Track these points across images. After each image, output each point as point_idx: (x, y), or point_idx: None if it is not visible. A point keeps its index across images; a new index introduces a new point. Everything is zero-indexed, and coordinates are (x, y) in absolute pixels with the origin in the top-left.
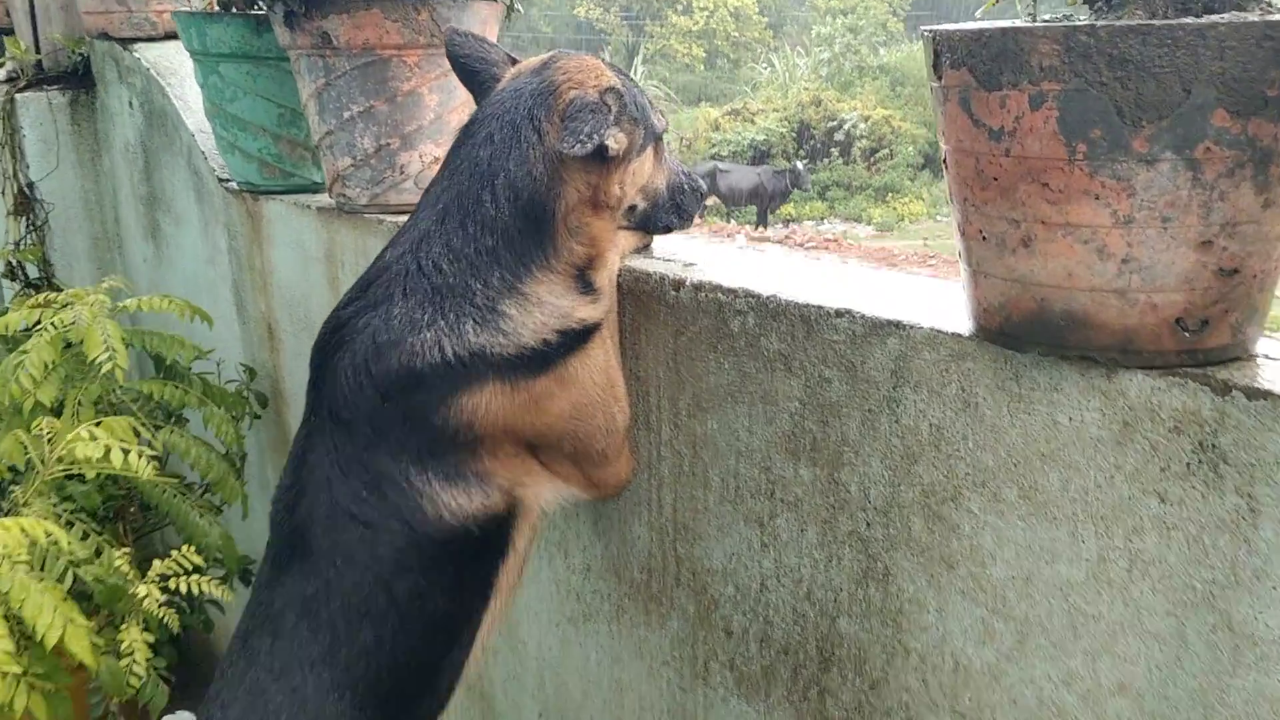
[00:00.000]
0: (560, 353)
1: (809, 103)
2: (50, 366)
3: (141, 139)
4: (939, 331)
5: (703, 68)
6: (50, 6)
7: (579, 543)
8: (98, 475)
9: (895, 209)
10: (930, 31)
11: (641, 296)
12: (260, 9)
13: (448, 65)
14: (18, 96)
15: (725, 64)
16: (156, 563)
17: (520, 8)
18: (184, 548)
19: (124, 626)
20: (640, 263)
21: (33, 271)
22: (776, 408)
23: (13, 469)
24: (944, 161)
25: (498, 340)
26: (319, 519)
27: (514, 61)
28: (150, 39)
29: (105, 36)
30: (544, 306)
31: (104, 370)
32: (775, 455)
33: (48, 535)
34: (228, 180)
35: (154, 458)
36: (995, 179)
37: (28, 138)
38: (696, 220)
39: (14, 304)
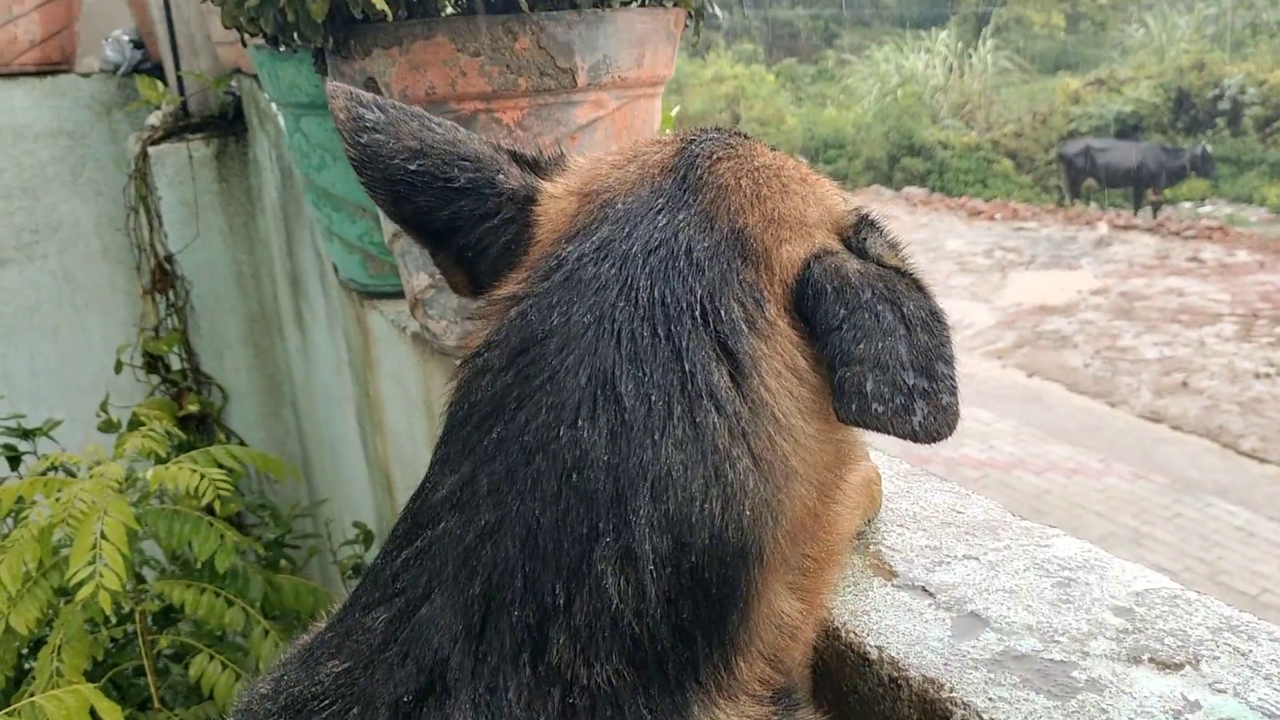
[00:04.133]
0: None
1: (1189, 67)
2: (33, 575)
3: (281, 202)
4: None
5: (1063, 33)
6: (195, 37)
7: None
8: None
9: None
10: None
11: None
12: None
13: (582, 116)
14: (151, 150)
15: (1089, 27)
16: None
17: (716, 8)
18: None
19: None
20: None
21: (174, 362)
22: None
23: None
24: None
25: None
26: None
27: (520, 160)
28: None
29: (239, 73)
30: None
31: (83, 595)
32: None
33: None
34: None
35: None
36: None
37: (165, 200)
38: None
39: (143, 407)
